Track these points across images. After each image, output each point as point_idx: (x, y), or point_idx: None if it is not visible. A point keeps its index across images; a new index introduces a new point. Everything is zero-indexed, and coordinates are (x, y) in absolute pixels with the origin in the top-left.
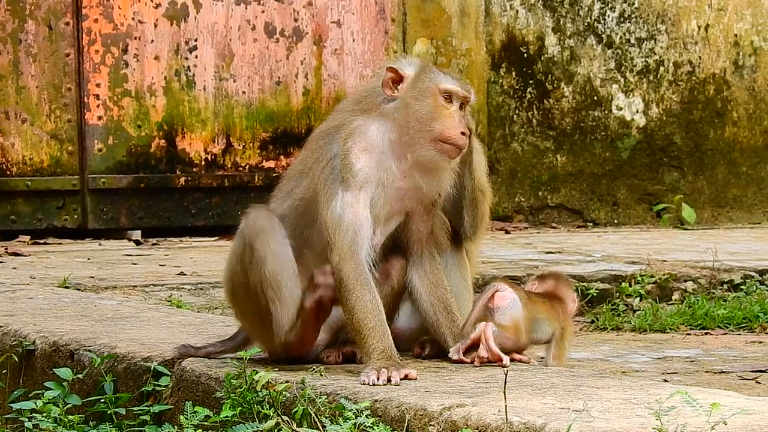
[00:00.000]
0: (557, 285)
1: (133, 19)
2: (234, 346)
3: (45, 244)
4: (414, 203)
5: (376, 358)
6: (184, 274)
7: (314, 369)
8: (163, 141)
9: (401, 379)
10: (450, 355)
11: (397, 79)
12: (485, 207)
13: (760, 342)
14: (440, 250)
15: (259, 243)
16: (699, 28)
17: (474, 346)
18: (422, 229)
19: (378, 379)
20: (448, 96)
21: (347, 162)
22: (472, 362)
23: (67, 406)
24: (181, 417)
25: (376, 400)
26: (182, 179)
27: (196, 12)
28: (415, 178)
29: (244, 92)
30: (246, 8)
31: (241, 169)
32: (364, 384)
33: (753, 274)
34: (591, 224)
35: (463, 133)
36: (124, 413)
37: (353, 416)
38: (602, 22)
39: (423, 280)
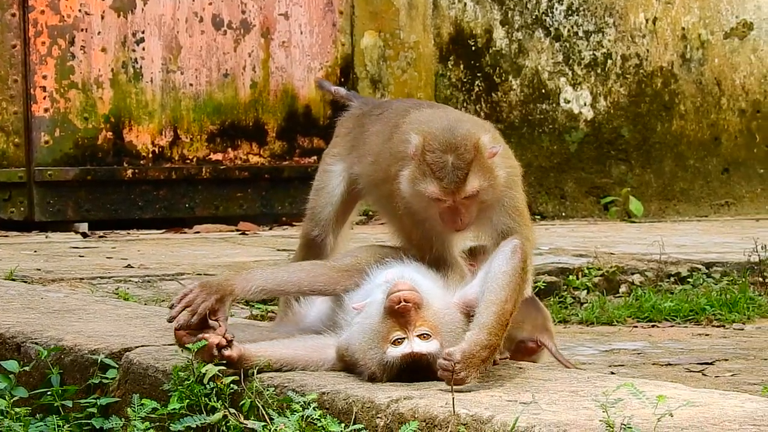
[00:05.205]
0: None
1: (79, 11)
2: None
3: None
4: None
5: None
6: (132, 267)
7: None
8: (110, 133)
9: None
10: None
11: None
12: None
13: (707, 334)
14: None
15: None
16: (647, 21)
17: None
18: None
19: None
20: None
21: None
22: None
23: (14, 399)
24: (128, 409)
25: (324, 393)
26: (129, 172)
27: (143, 4)
28: None
29: (191, 84)
30: (193, 0)
31: (188, 161)
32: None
33: (700, 266)
34: (539, 217)
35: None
36: (71, 406)
37: (300, 409)
38: (550, 15)
39: None
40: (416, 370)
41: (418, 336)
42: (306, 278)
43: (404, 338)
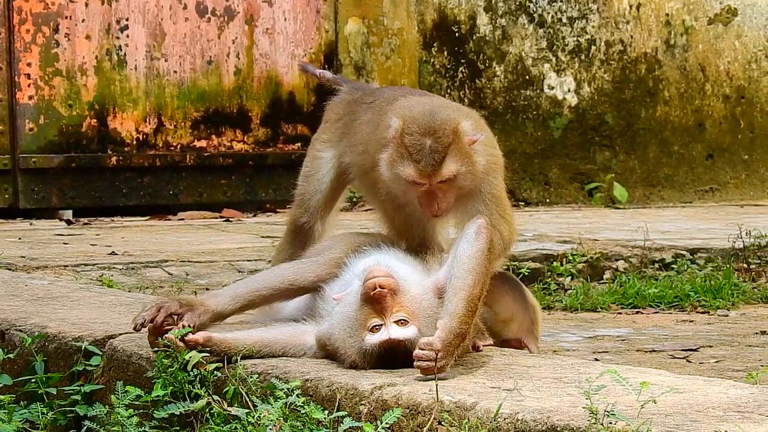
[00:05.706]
0: None
1: None
2: None
3: None
4: None
5: None
6: (116, 254)
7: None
8: (95, 120)
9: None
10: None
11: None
12: None
13: (691, 321)
14: None
15: None
16: (631, 7)
17: None
18: None
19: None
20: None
21: None
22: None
23: None
24: (113, 396)
25: (307, 380)
26: (114, 159)
27: None
28: None
29: (175, 72)
30: None
31: (172, 148)
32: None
33: (684, 252)
34: (523, 203)
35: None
36: (55, 393)
37: (284, 395)
38: (534, 1)
39: None
40: (396, 356)
41: (395, 322)
42: (277, 276)
43: (381, 325)
